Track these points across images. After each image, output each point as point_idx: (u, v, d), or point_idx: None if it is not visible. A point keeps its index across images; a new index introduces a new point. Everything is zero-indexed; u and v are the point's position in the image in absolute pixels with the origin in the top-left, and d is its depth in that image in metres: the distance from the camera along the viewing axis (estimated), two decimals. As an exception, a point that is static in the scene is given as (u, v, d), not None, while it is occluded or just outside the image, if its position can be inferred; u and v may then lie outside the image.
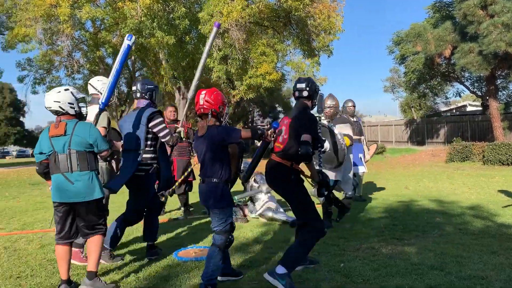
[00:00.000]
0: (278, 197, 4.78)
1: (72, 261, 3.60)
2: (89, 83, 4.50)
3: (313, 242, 3.49)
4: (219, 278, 3.37)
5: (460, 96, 29.96)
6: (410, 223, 5.62)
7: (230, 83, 27.78)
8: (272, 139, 3.50)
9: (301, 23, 17.67)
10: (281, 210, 6.02)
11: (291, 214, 4.98)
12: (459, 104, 39.17)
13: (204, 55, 4.23)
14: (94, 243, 3.38)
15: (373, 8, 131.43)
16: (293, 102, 5.05)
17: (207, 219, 6.18)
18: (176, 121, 6.82)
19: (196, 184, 7.04)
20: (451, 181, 10.59)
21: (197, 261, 4.01)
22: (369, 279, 3.48)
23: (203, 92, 3.39)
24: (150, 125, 4.16)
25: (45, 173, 3.45)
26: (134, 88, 4.45)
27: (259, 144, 4.02)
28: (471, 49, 17.50)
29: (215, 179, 3.29)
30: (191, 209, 6.77)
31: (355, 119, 7.38)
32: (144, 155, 4.14)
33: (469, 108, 34.98)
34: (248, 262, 4.00)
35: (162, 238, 5.03)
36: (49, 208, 7.58)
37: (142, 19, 15.21)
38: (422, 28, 19.79)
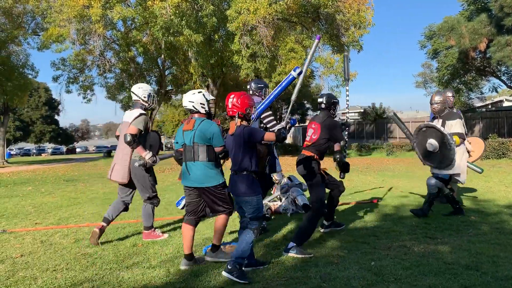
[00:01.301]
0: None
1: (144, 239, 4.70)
2: (132, 91, 5.03)
3: (315, 220, 4.38)
4: (223, 272, 3.56)
5: (496, 91, 28.96)
6: (443, 222, 5.48)
7: (258, 80, 27.88)
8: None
9: (330, 18, 17.45)
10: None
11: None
12: (495, 99, 37.87)
13: (305, 67, 4.45)
14: (219, 221, 3.99)
15: (405, 1, 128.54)
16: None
17: (235, 217, 6.20)
18: None
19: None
20: (487, 179, 10.25)
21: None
22: (401, 278, 3.41)
23: (232, 96, 3.79)
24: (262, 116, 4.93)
25: (179, 160, 4.06)
26: (248, 86, 5.21)
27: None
28: (508, 42, 16.89)
29: (244, 172, 3.68)
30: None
31: (454, 110, 6.93)
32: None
33: (505, 104, 33.78)
34: (275, 260, 3.98)
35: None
36: (83, 204, 7.80)
37: (171, 17, 15.38)
38: (456, 21, 19.24)
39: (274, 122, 5.06)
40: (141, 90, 4.94)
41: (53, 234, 5.31)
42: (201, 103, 4.00)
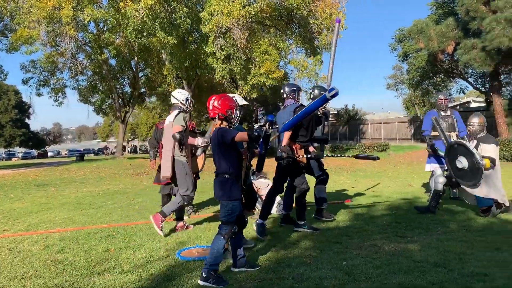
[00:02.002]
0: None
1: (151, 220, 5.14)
2: (172, 95, 5.67)
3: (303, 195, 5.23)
4: (232, 269, 3.74)
5: (464, 92, 29.80)
6: (413, 221, 5.61)
7: (233, 83, 27.81)
8: (271, 130, 3.81)
9: (303, 21, 17.62)
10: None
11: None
12: (463, 101, 38.99)
13: (333, 49, 5.04)
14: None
15: (376, 5, 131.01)
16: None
17: (210, 219, 6.21)
18: None
19: (199, 183, 7.08)
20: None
21: (200, 261, 4.02)
22: (372, 276, 3.48)
23: (213, 97, 3.80)
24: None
25: None
26: (282, 91, 5.53)
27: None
28: (474, 45, 17.41)
29: (225, 175, 3.66)
30: (194, 209, 6.79)
31: (448, 113, 7.16)
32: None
33: (473, 105, 34.83)
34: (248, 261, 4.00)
35: (165, 237, 5.05)
36: (54, 209, 7.63)
37: (144, 19, 15.22)
38: (425, 25, 19.71)
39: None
40: (180, 94, 5.61)
41: (22, 241, 5.17)
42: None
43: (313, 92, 5.71)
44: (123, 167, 18.13)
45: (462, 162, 5.72)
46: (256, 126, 4.01)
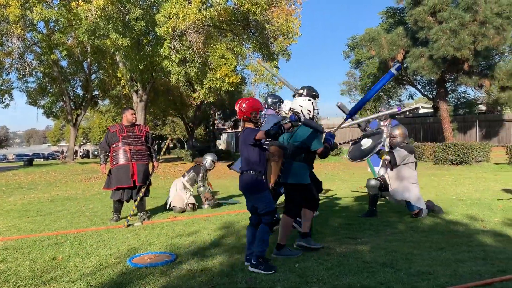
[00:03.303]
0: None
1: None
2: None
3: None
4: (249, 268, 3.80)
5: (412, 98, 31.12)
6: (364, 222, 5.78)
7: (190, 86, 27.55)
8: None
9: (259, 27, 17.76)
10: None
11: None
12: (412, 107, 40.62)
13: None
14: (305, 214, 4.51)
15: (331, 13, 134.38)
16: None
17: (164, 225, 6.12)
18: (135, 124, 6.72)
19: (152, 188, 6.97)
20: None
21: (152, 267, 3.94)
22: (323, 278, 3.55)
23: (240, 101, 4.10)
24: None
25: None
26: (264, 101, 5.71)
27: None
28: (422, 54, 18.23)
29: (251, 172, 3.94)
30: (148, 214, 6.67)
31: (386, 123, 7.69)
32: None
33: (421, 110, 36.33)
34: (203, 266, 3.98)
35: (116, 244, 4.92)
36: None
37: (97, 20, 14.82)
38: (376, 33, 20.43)
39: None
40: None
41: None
42: (308, 110, 4.47)
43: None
44: (74, 172, 17.51)
45: (367, 144, 5.75)
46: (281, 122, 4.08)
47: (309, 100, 4.52)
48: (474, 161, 15.68)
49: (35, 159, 42.48)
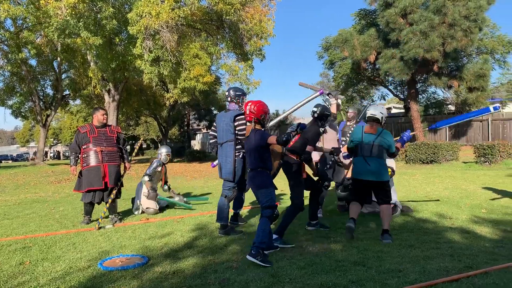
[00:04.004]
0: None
1: None
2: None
3: (295, 214, 5.01)
4: (247, 257, 4.01)
5: (384, 99, 31.62)
6: (337, 221, 5.86)
7: (163, 86, 27.23)
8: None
9: (233, 26, 17.70)
10: None
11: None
12: (385, 107, 41.36)
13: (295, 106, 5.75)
14: (384, 210, 4.90)
15: (305, 13, 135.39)
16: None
17: (137, 227, 6.04)
18: (106, 125, 6.59)
19: (125, 190, 6.86)
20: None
21: (123, 270, 3.88)
22: (295, 278, 3.57)
23: (249, 103, 4.41)
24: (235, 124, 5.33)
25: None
26: (227, 93, 5.66)
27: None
28: (393, 55, 18.58)
29: (259, 168, 4.33)
30: (120, 217, 6.56)
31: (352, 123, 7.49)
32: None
33: (393, 111, 37.05)
34: (175, 268, 3.94)
35: (87, 247, 4.83)
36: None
37: (67, 18, 14.47)
38: (349, 34, 20.69)
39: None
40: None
41: None
42: (385, 116, 5.12)
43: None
44: (44, 174, 17.07)
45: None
46: (289, 130, 4.43)
47: (387, 108, 5.07)
48: (444, 160, 16.10)
49: (2, 161, 41.22)
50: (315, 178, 5.67)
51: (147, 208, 7.17)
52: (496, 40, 22.98)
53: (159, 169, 7.58)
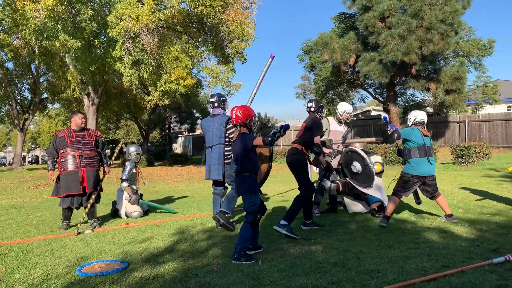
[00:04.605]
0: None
1: None
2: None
3: (304, 202, 5.36)
4: (233, 261, 4.15)
5: (364, 101, 32.03)
6: (318, 222, 5.89)
7: (144, 89, 26.99)
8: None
9: (214, 29, 17.70)
10: None
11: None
12: (364, 109, 41.87)
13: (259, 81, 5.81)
14: (439, 199, 5.85)
15: (285, 16, 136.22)
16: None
17: (116, 232, 5.97)
18: (84, 129, 6.50)
19: (104, 195, 6.77)
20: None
21: (102, 276, 3.83)
22: (276, 280, 3.58)
23: (236, 108, 4.51)
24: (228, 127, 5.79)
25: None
26: (212, 99, 6.05)
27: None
28: (372, 58, 18.83)
29: (246, 173, 4.36)
30: (99, 221, 6.47)
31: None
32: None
33: (373, 113, 37.53)
34: (155, 273, 3.92)
35: (65, 253, 4.75)
36: None
37: (45, 21, 14.24)
38: (329, 38, 20.90)
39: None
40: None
41: None
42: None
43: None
44: (21, 179, 16.71)
45: (356, 167, 6.43)
46: (273, 131, 4.43)
47: (428, 114, 5.58)
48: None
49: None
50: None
51: (132, 212, 7.08)
52: (472, 43, 23.55)
53: (134, 170, 7.48)
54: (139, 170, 7.72)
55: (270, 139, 4.29)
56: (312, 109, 5.88)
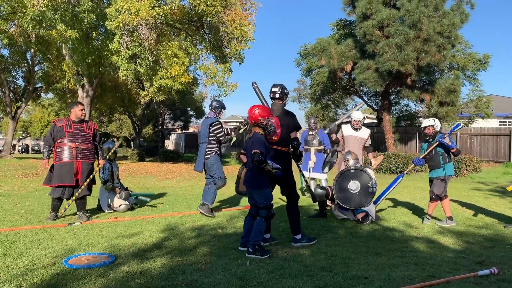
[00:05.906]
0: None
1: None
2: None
3: (296, 207, 5.09)
4: (247, 255, 4.31)
5: (358, 109, 32.07)
6: (306, 227, 5.92)
7: (139, 84, 26.87)
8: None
9: (213, 28, 17.67)
10: None
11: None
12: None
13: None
14: (446, 200, 6.44)
15: (285, 21, 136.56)
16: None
17: (105, 225, 5.94)
18: (83, 121, 6.48)
19: (95, 187, 6.74)
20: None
21: (89, 269, 3.81)
22: (263, 281, 3.59)
23: (254, 108, 4.61)
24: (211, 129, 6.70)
25: None
26: (210, 106, 6.95)
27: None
28: (369, 66, 18.91)
29: (255, 169, 4.50)
30: (87, 214, 6.44)
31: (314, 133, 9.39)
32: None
33: (367, 120, 37.69)
34: (142, 268, 3.90)
35: (52, 244, 4.72)
36: None
37: (43, 9, 14.13)
38: (327, 43, 20.94)
39: (222, 132, 6.80)
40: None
41: None
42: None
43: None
44: (10, 168, 16.56)
45: (355, 185, 6.32)
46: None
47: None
48: (413, 171, 16.47)
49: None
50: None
51: (119, 206, 7.07)
52: (468, 57, 23.74)
53: (111, 168, 7.36)
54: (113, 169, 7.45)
55: (256, 160, 4.35)
56: (277, 95, 5.12)
